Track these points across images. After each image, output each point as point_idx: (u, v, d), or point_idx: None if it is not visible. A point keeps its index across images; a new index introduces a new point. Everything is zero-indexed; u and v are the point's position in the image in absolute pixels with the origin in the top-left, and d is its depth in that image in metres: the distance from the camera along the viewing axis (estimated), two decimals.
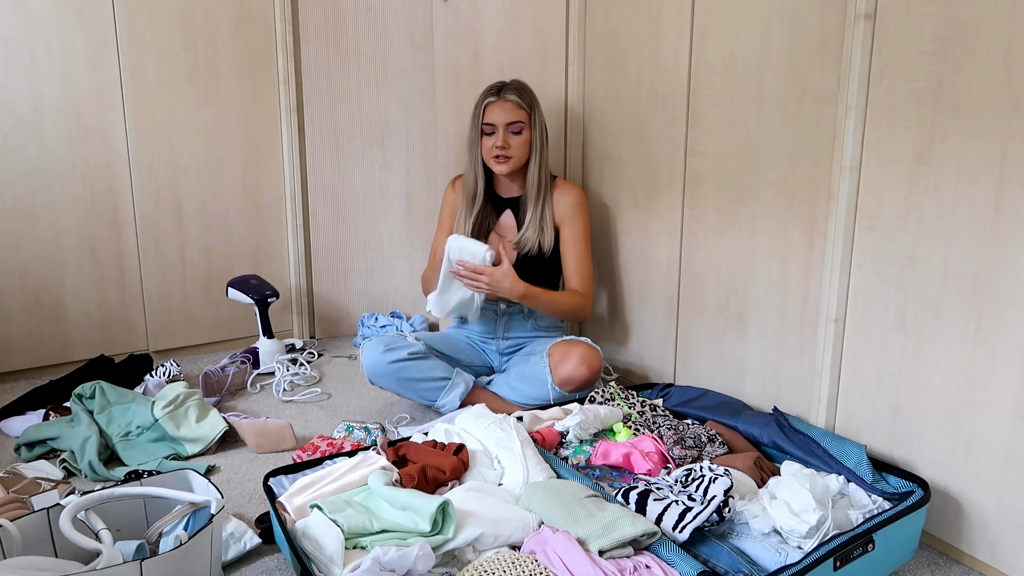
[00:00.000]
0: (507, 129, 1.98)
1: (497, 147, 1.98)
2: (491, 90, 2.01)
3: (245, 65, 2.55)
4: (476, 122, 2.02)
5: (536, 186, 2.04)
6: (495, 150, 1.99)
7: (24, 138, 2.27)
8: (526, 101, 2.00)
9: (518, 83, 2.03)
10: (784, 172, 1.68)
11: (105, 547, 1.15)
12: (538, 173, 2.04)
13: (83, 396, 1.93)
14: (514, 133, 1.99)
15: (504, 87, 2.01)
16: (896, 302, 1.47)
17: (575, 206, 2.07)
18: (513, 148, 2.00)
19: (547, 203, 2.06)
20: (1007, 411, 1.31)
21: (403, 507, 1.32)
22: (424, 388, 1.97)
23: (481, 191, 2.08)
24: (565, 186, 2.10)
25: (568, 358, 1.91)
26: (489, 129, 2.00)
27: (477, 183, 2.08)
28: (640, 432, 1.70)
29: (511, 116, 1.98)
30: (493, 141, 1.99)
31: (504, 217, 2.12)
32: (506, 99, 1.99)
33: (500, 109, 1.99)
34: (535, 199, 2.05)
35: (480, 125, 2.01)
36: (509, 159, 2.00)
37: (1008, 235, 1.28)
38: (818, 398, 1.65)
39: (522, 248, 2.06)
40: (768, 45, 1.68)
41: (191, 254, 2.58)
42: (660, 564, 1.22)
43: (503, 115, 1.98)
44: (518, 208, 2.10)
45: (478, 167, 2.06)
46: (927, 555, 1.45)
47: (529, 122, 2.01)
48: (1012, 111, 1.25)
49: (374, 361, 1.95)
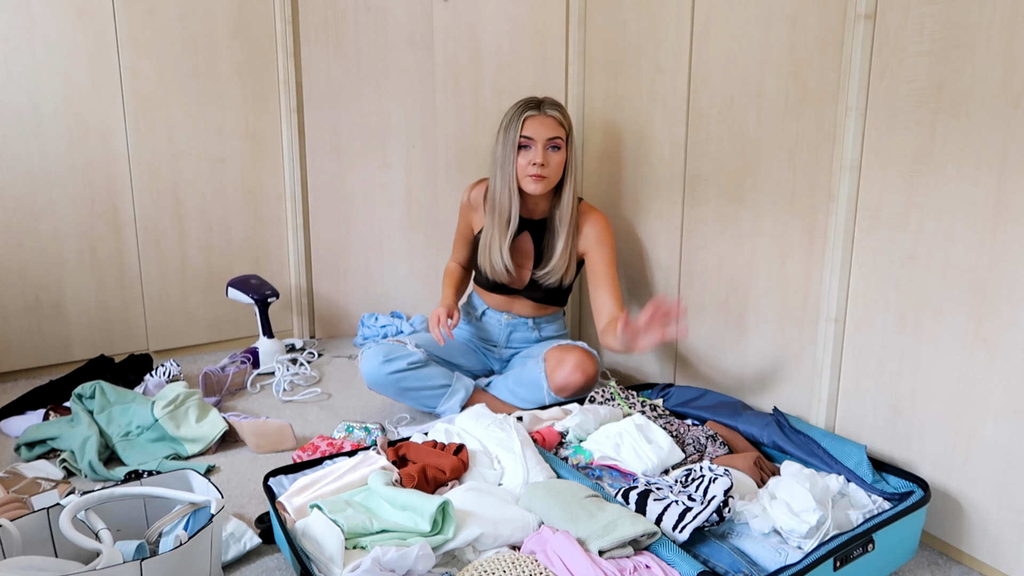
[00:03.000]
0: (546, 145, 1.86)
1: (535, 163, 1.85)
2: (530, 103, 1.89)
3: (245, 65, 2.55)
4: (510, 136, 1.87)
5: (569, 212, 1.94)
6: (532, 167, 1.86)
7: (24, 138, 2.27)
8: (566, 119, 1.91)
9: (555, 100, 1.92)
10: (784, 172, 1.68)
11: (105, 547, 1.15)
12: (571, 198, 1.93)
13: (83, 396, 1.93)
14: (553, 149, 1.88)
15: (543, 101, 1.89)
16: (896, 302, 1.47)
17: (604, 231, 1.98)
18: (551, 167, 1.87)
19: (572, 231, 1.96)
20: (1007, 411, 1.31)
21: (403, 507, 1.32)
22: (424, 396, 1.96)
23: (516, 212, 1.93)
24: (591, 211, 2.00)
25: (563, 364, 1.89)
26: (525, 143, 1.87)
27: (512, 204, 1.92)
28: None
29: (551, 132, 1.86)
30: (530, 157, 1.86)
31: (522, 241, 2.02)
32: (547, 114, 1.87)
33: (540, 124, 1.86)
34: (568, 227, 1.94)
35: (517, 138, 1.86)
36: (545, 178, 1.88)
37: (1008, 235, 1.28)
38: (818, 398, 1.65)
39: (546, 279, 1.98)
40: (768, 45, 1.68)
41: (191, 254, 2.58)
42: (660, 564, 1.22)
43: (544, 130, 1.85)
44: (538, 232, 2.01)
45: (512, 186, 1.90)
46: (927, 555, 1.45)
47: (567, 141, 1.90)
48: (1012, 111, 1.25)
49: (373, 372, 1.93)
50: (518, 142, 1.87)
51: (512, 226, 1.95)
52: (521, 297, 2.08)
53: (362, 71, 2.69)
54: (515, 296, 2.08)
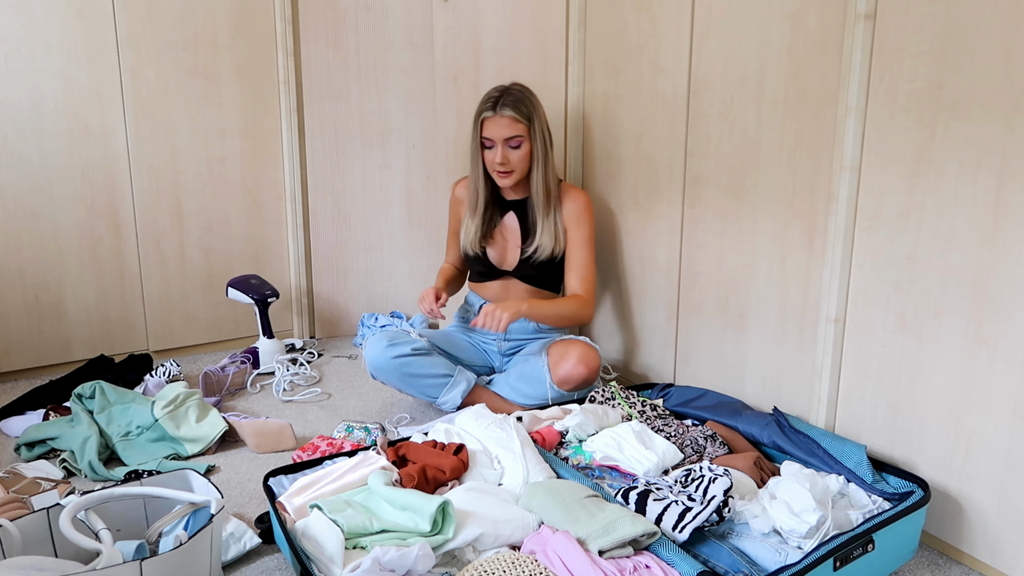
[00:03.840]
0: (505, 144, 1.95)
1: (497, 163, 1.96)
2: (488, 102, 1.95)
3: (245, 65, 2.55)
4: (475, 134, 1.99)
5: (544, 194, 2.01)
6: (496, 165, 1.97)
7: (24, 138, 2.27)
8: (523, 113, 1.94)
9: (516, 92, 1.96)
10: (784, 172, 1.68)
11: (105, 547, 1.15)
12: (543, 181, 2.00)
13: (83, 396, 1.93)
14: (513, 147, 1.96)
15: (500, 99, 1.94)
16: (896, 302, 1.47)
17: (582, 211, 2.05)
18: (513, 162, 1.97)
19: (556, 208, 2.04)
20: (1007, 411, 1.31)
21: (403, 507, 1.32)
22: (426, 384, 1.97)
23: (483, 198, 2.06)
24: (571, 191, 2.07)
25: (566, 357, 1.91)
26: (488, 143, 1.97)
27: (479, 194, 2.06)
28: None
29: (508, 131, 1.93)
30: (493, 156, 1.97)
31: (507, 219, 2.11)
32: (502, 115, 1.93)
33: (496, 125, 1.94)
34: (545, 206, 2.02)
35: (479, 139, 1.98)
36: (511, 173, 1.98)
37: (1008, 235, 1.28)
38: (818, 398, 1.65)
39: (537, 255, 2.04)
40: (768, 45, 1.67)
41: (191, 254, 2.58)
42: (660, 564, 1.22)
43: (500, 131, 1.94)
44: (522, 210, 2.09)
45: (479, 177, 2.04)
46: (927, 555, 1.45)
47: (528, 134, 1.96)
48: (1012, 111, 1.25)
49: (377, 356, 1.95)
50: (481, 142, 1.99)
51: (479, 208, 2.07)
52: (515, 280, 2.10)
53: (362, 71, 2.69)
54: (508, 279, 2.11)
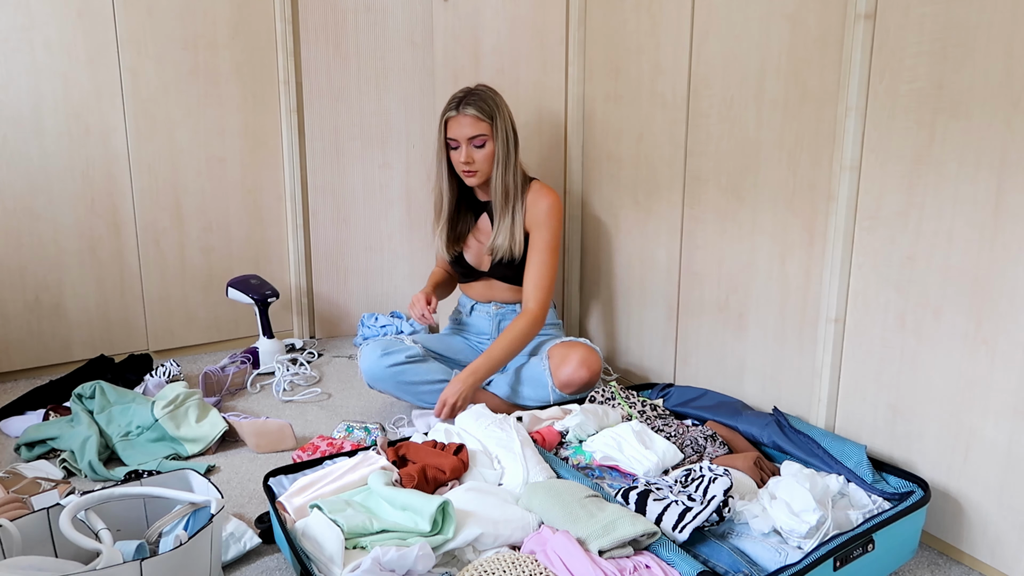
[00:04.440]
0: (470, 144, 1.93)
1: (462, 162, 1.94)
2: (452, 102, 1.95)
3: (245, 65, 2.55)
4: (440, 135, 1.98)
5: (502, 195, 1.97)
6: (461, 165, 1.95)
7: (24, 138, 2.27)
8: (486, 113, 1.92)
9: (480, 92, 1.95)
10: (784, 172, 1.68)
11: (105, 547, 1.15)
12: (502, 182, 1.96)
13: (83, 396, 1.93)
14: (477, 147, 1.94)
15: (464, 99, 1.93)
16: (896, 302, 1.47)
17: (546, 213, 1.99)
18: (478, 162, 1.94)
19: (517, 209, 2.00)
20: (1007, 411, 1.31)
21: (403, 507, 1.32)
22: (423, 391, 1.97)
23: (448, 203, 2.05)
24: (540, 192, 2.02)
25: (568, 360, 1.91)
26: (453, 143, 1.95)
27: (444, 196, 2.04)
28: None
29: (471, 130, 1.92)
30: (458, 155, 1.95)
31: (481, 221, 2.09)
32: (465, 113, 1.92)
33: (459, 124, 1.92)
34: (503, 206, 1.98)
35: (444, 139, 1.97)
36: (476, 172, 1.96)
37: (1008, 235, 1.28)
38: (818, 398, 1.65)
39: (495, 255, 2.03)
40: (768, 45, 1.68)
41: (191, 254, 2.58)
42: (660, 564, 1.22)
43: (463, 130, 1.92)
44: (492, 212, 2.07)
45: (444, 180, 2.02)
46: (927, 555, 1.45)
47: (491, 132, 1.94)
48: (1012, 111, 1.25)
49: (372, 365, 1.95)
50: (446, 143, 1.98)
51: (445, 212, 2.06)
52: (494, 280, 2.10)
53: (362, 71, 2.69)
54: (488, 280, 2.11)
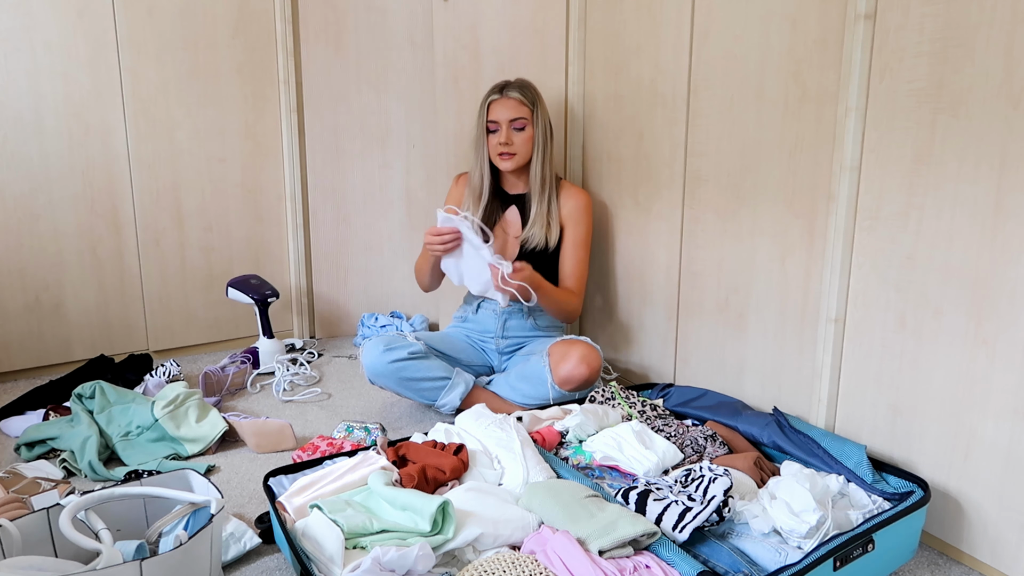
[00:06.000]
0: (510, 126, 2.02)
1: (501, 143, 2.02)
2: (495, 88, 2.05)
3: (245, 65, 2.55)
4: (481, 120, 2.05)
5: (540, 182, 2.07)
6: (499, 147, 2.03)
7: (24, 138, 2.27)
8: (528, 98, 2.03)
9: (521, 81, 2.07)
10: (784, 172, 1.68)
11: (105, 547, 1.15)
12: (541, 169, 2.06)
13: (83, 396, 1.93)
14: (517, 129, 2.03)
15: (507, 85, 2.05)
16: (896, 302, 1.47)
17: (581, 210, 2.10)
18: (516, 144, 2.03)
19: (553, 200, 2.09)
20: (1007, 411, 1.31)
21: (403, 507, 1.32)
22: (424, 388, 1.97)
23: (487, 188, 2.11)
24: (572, 189, 2.13)
25: (568, 357, 1.91)
26: (493, 127, 2.04)
27: (483, 181, 2.10)
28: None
29: (513, 113, 2.01)
30: (497, 138, 2.03)
31: (509, 213, 2.14)
32: (508, 96, 2.02)
33: (502, 106, 2.02)
34: (540, 194, 2.07)
35: (485, 123, 2.04)
36: (513, 155, 2.03)
37: (1008, 235, 1.28)
38: (818, 398, 1.65)
39: (528, 243, 2.08)
40: (768, 45, 1.68)
41: (191, 254, 2.58)
42: (660, 564, 1.22)
43: (506, 112, 2.01)
44: (523, 204, 2.12)
45: (484, 165, 2.09)
46: (927, 555, 1.45)
47: (532, 119, 2.03)
48: (1012, 111, 1.25)
49: (374, 361, 1.96)
50: (486, 126, 2.05)
51: (484, 199, 2.11)
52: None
53: (362, 71, 2.69)
54: None
